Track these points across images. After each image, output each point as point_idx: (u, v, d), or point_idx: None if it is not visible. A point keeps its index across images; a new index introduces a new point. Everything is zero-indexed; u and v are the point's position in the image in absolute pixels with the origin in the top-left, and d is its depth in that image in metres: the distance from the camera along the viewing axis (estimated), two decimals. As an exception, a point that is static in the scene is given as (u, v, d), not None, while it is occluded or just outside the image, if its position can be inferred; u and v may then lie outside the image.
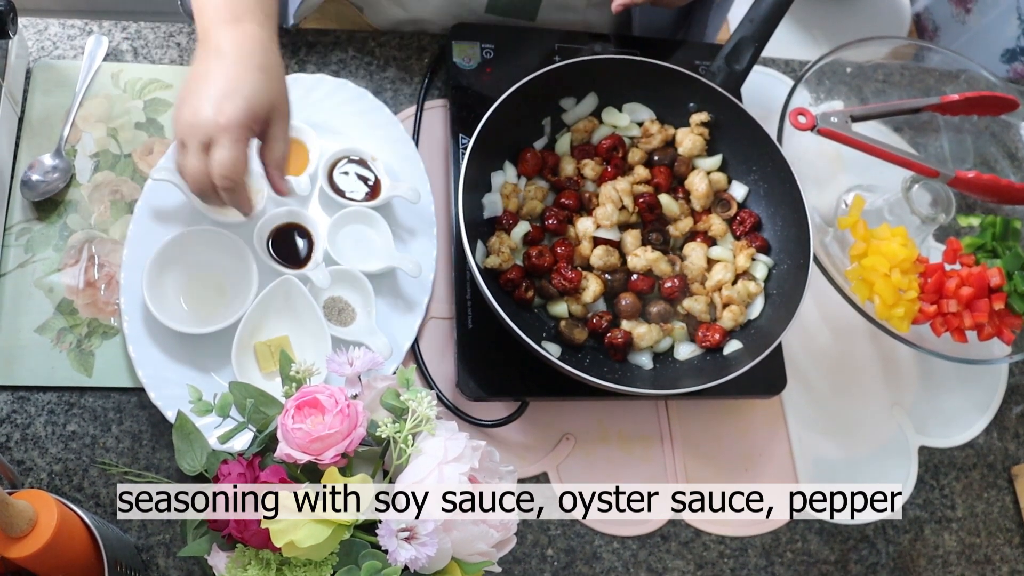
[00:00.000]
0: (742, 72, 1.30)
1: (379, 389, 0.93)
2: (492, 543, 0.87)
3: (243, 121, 0.94)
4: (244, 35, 0.99)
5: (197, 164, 0.95)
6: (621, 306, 1.19)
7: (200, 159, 0.95)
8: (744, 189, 1.28)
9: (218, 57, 0.97)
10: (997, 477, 1.34)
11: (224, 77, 0.96)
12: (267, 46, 1.00)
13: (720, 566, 1.20)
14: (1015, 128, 1.52)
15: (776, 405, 1.29)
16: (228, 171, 0.94)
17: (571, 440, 1.21)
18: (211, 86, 0.95)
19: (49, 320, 1.13)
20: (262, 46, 0.99)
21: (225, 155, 0.94)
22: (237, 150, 0.94)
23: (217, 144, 0.94)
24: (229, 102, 0.94)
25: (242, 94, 0.95)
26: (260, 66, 0.97)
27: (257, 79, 0.96)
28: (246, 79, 0.96)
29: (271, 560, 0.85)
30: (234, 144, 0.94)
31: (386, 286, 1.19)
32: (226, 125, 0.93)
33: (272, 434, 0.91)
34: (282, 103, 1.00)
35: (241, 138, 0.95)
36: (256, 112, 0.96)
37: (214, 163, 0.94)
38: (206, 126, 0.94)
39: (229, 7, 1.00)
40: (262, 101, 0.96)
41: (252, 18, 1.00)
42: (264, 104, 0.96)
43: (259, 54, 0.98)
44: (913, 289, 1.28)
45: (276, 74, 0.99)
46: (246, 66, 0.97)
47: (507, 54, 1.32)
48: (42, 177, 1.18)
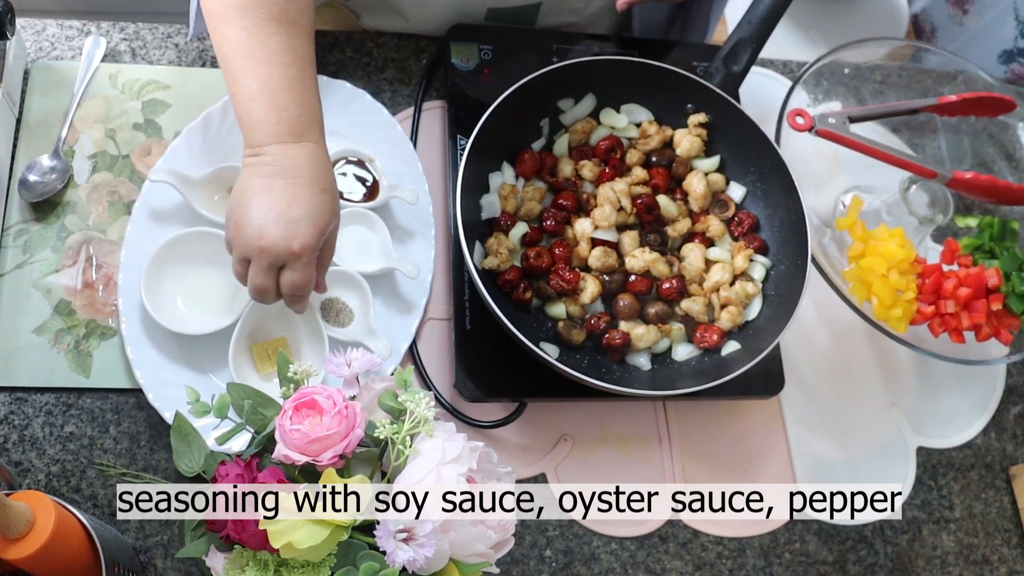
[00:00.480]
0: (740, 73, 1.30)
1: (377, 390, 0.93)
2: (490, 544, 0.87)
3: (316, 246, 0.97)
4: (307, 154, 0.99)
5: (266, 282, 0.98)
6: (619, 307, 1.19)
7: (269, 277, 0.98)
8: (742, 190, 1.28)
9: (286, 176, 0.97)
10: (995, 477, 1.34)
11: (292, 200, 0.97)
12: (327, 164, 1.01)
13: (718, 567, 1.20)
14: (1012, 129, 1.53)
15: (774, 406, 1.29)
16: (300, 291, 0.99)
17: (569, 441, 1.21)
18: (279, 207, 0.96)
19: (47, 321, 1.13)
20: (324, 165, 1.00)
21: (298, 277, 0.98)
22: (309, 272, 0.98)
23: (289, 268, 0.97)
24: (301, 228, 0.96)
25: (313, 220, 0.96)
26: (325, 188, 0.99)
27: (324, 202, 0.98)
28: (315, 203, 0.97)
29: (269, 561, 0.85)
30: (306, 267, 0.97)
31: (384, 287, 1.19)
32: (300, 252, 0.96)
33: (270, 435, 0.91)
34: (336, 213, 1.01)
35: (311, 260, 0.98)
36: (324, 231, 0.98)
37: (286, 283, 0.98)
38: (278, 252, 0.96)
39: (289, 124, 0.99)
40: (328, 221, 0.98)
41: (311, 136, 1.00)
42: (326, 223, 0.98)
43: (323, 175, 0.99)
44: (911, 290, 1.28)
45: (335, 192, 1.01)
46: (312, 189, 0.97)
47: (505, 55, 1.32)
48: (40, 178, 1.18)
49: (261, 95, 1.00)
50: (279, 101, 0.99)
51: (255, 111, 1.00)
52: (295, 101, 1.00)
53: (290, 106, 1.00)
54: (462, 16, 1.36)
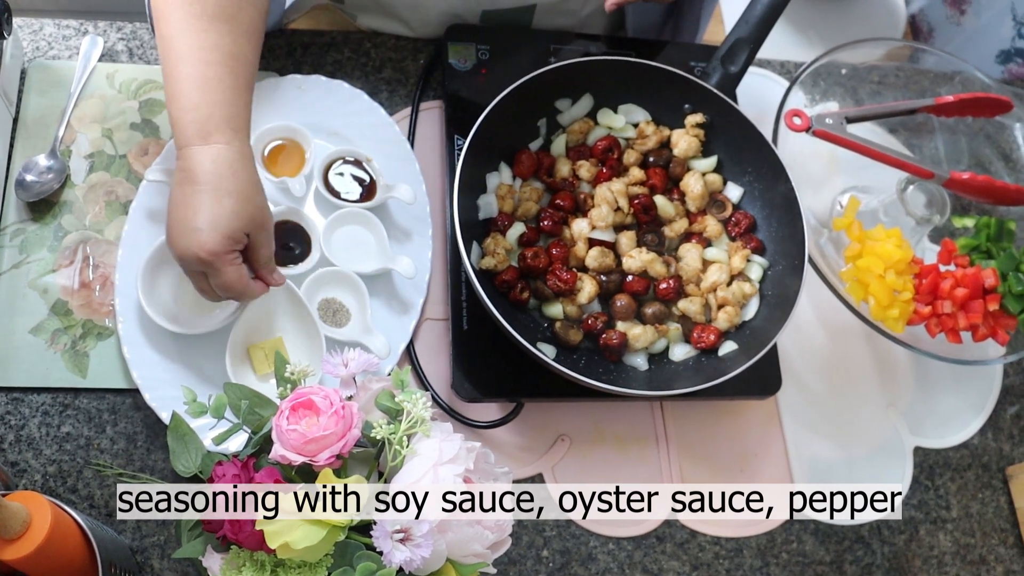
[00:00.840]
0: (737, 73, 1.30)
1: (374, 390, 0.93)
2: (487, 544, 0.87)
3: (222, 249, 0.97)
4: (212, 158, 0.98)
5: (203, 285, 1.02)
6: (616, 307, 1.19)
7: (200, 281, 1.02)
8: (739, 190, 1.28)
9: (191, 183, 0.98)
10: (992, 478, 1.34)
11: (193, 208, 0.97)
12: (236, 167, 1.00)
13: (715, 567, 1.20)
14: (1009, 129, 1.53)
15: (771, 406, 1.29)
16: (229, 292, 1.01)
17: (566, 441, 1.21)
18: (189, 217, 0.97)
19: (44, 321, 1.12)
20: (231, 168, 0.99)
21: (219, 281, 0.99)
22: (227, 273, 0.99)
23: (209, 273, 0.99)
24: (201, 236, 0.96)
25: (215, 227, 0.96)
26: (230, 191, 0.98)
27: (229, 207, 0.97)
28: (213, 208, 0.97)
29: (266, 562, 0.85)
30: (223, 269, 0.98)
31: (381, 287, 1.19)
32: (208, 258, 0.96)
33: (267, 435, 0.91)
34: (259, 217, 1.01)
35: (227, 262, 0.98)
36: (233, 236, 0.98)
37: (215, 286, 1.00)
38: (192, 260, 0.97)
39: (198, 125, 0.99)
40: (236, 226, 0.98)
41: (221, 136, 0.99)
42: (239, 228, 0.98)
43: (228, 178, 0.98)
44: (908, 290, 1.28)
45: (248, 194, 1.00)
46: (212, 194, 0.97)
47: (502, 56, 1.32)
48: (37, 178, 1.18)
49: (176, 95, 1.00)
50: (191, 101, 1.00)
51: (172, 112, 1.01)
52: (207, 101, 1.00)
53: (201, 106, 0.99)
54: (456, 19, 1.36)
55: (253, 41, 1.07)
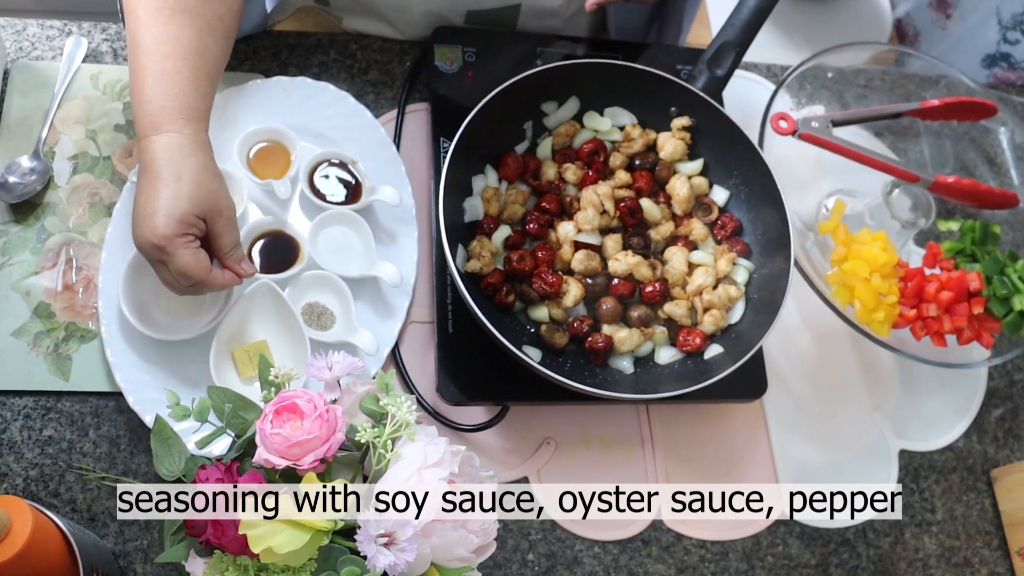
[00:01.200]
0: (723, 77, 1.30)
1: (358, 394, 0.92)
2: (472, 548, 0.87)
3: (170, 233, 0.96)
4: (161, 147, 0.99)
5: (165, 276, 1.01)
6: (602, 310, 1.19)
7: (164, 271, 1.00)
8: (725, 193, 1.28)
9: (145, 173, 0.99)
10: (976, 480, 1.35)
11: (146, 196, 0.97)
12: (186, 151, 1.00)
13: (701, 570, 1.20)
14: (994, 133, 1.53)
15: (757, 409, 1.29)
16: (187, 277, 0.99)
17: (552, 444, 1.21)
18: (142, 205, 0.97)
19: (26, 324, 1.12)
20: (181, 153, 0.99)
21: (176, 266, 0.98)
22: (181, 257, 0.98)
23: (166, 260, 0.98)
24: (153, 220, 0.96)
25: (162, 210, 0.96)
26: (179, 176, 0.98)
27: (174, 190, 0.97)
28: (163, 193, 0.97)
29: (249, 566, 0.84)
30: (176, 253, 0.97)
31: (367, 290, 1.19)
32: (158, 243, 0.96)
33: (250, 439, 0.90)
34: (212, 201, 1.00)
35: (178, 246, 0.97)
36: (184, 219, 0.97)
37: (173, 274, 1.00)
38: (147, 249, 0.98)
39: (152, 117, 1.00)
40: (186, 208, 0.97)
41: (172, 125, 1.00)
42: (189, 211, 0.98)
43: (179, 164, 0.99)
44: (893, 293, 1.29)
45: (199, 179, 0.99)
46: (163, 180, 0.97)
47: (488, 58, 1.32)
48: (19, 179, 1.17)
49: (136, 88, 1.01)
50: (148, 94, 1.00)
51: (133, 104, 1.02)
52: (161, 92, 1.00)
53: (154, 98, 1.00)
54: (441, 19, 1.35)
55: (217, 35, 1.07)
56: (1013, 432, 1.39)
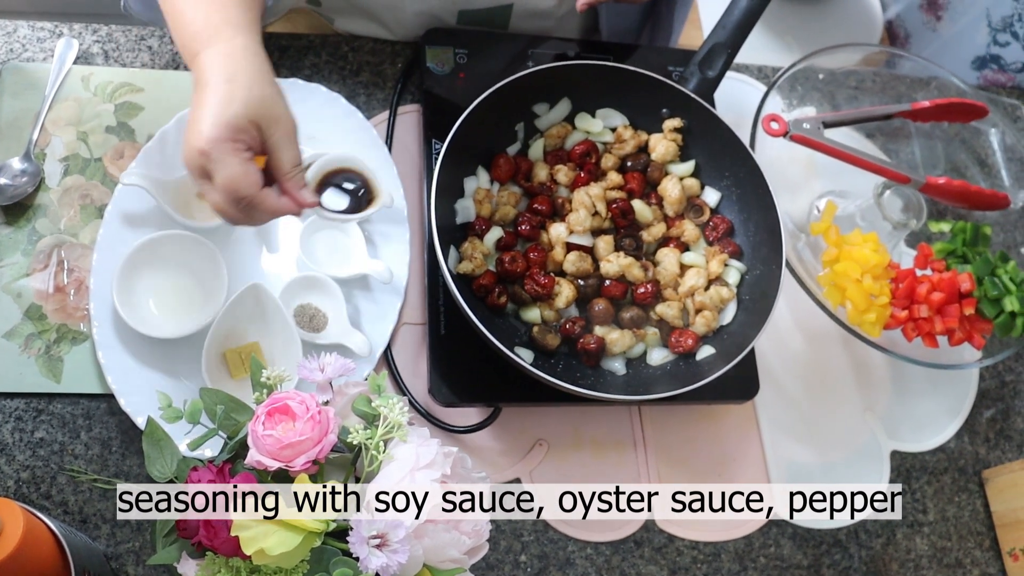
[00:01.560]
0: (715, 78, 1.30)
1: (351, 395, 0.92)
2: (464, 550, 0.87)
3: (220, 136, 0.89)
4: (211, 59, 0.94)
5: (213, 198, 0.92)
6: (594, 312, 1.19)
7: (212, 192, 0.92)
8: (717, 195, 1.29)
9: (198, 89, 0.93)
10: (968, 481, 1.35)
11: (201, 105, 0.91)
12: (237, 56, 0.95)
13: (693, 571, 1.20)
14: (985, 135, 1.54)
15: (749, 410, 1.29)
16: (233, 191, 0.90)
17: (544, 446, 1.21)
18: (193, 119, 0.91)
19: (17, 326, 1.11)
20: (231, 58, 0.94)
21: (220, 178, 0.90)
22: (227, 167, 0.90)
23: (210, 172, 0.90)
24: (201, 125, 0.90)
25: (212, 111, 0.90)
26: (230, 77, 0.92)
27: (225, 91, 0.91)
28: (211, 98, 0.91)
29: (241, 568, 0.84)
30: (222, 162, 0.90)
31: (358, 291, 1.19)
32: (205, 147, 0.89)
33: (242, 441, 0.90)
34: (269, 106, 0.93)
35: (227, 152, 0.90)
36: (231, 122, 0.90)
37: (219, 191, 0.91)
38: (193, 157, 0.90)
39: (198, 36, 0.95)
40: (235, 110, 0.90)
41: (219, 36, 0.95)
42: (241, 113, 0.91)
43: (227, 67, 0.93)
44: (885, 294, 1.29)
45: (248, 80, 0.93)
46: (213, 85, 0.92)
47: (480, 59, 1.32)
48: (10, 181, 1.17)
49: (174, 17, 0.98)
50: (187, 16, 0.96)
51: (178, 38, 0.98)
52: (204, 10, 0.96)
53: (197, 17, 0.96)
54: (433, 19, 1.35)
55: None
56: (1004, 433, 1.39)
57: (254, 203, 0.92)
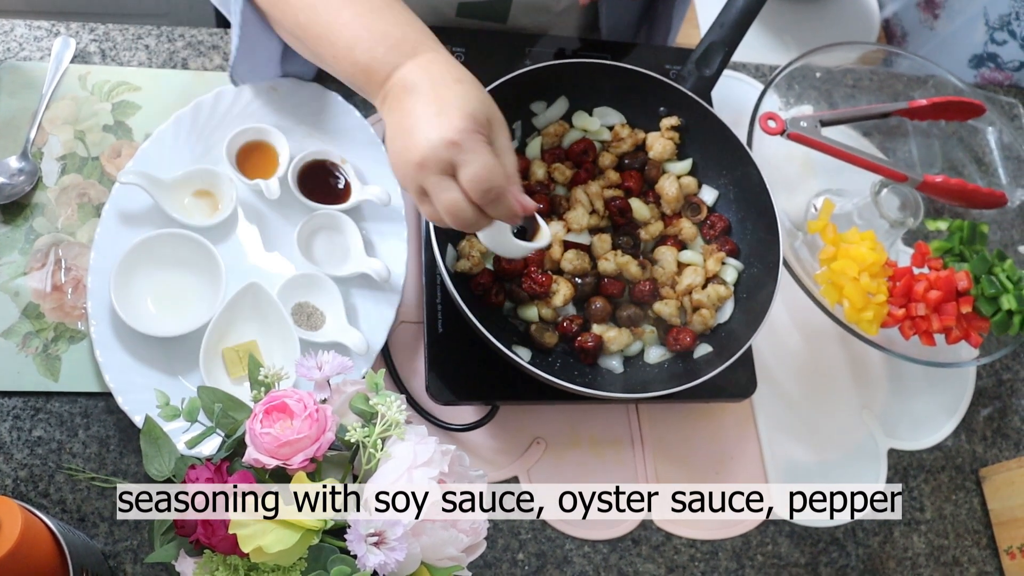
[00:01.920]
0: (712, 76, 1.30)
1: (348, 393, 0.92)
2: (462, 548, 0.87)
3: (469, 126, 0.88)
4: (426, 64, 0.93)
5: (450, 195, 0.90)
6: (591, 310, 1.19)
7: (450, 189, 0.90)
8: (714, 193, 1.29)
9: (411, 93, 0.92)
10: (965, 479, 1.35)
11: (426, 102, 0.90)
12: (451, 63, 0.94)
13: (691, 569, 1.20)
14: (982, 133, 1.54)
15: (746, 408, 1.30)
16: (487, 180, 0.88)
17: (542, 444, 1.21)
18: (418, 119, 0.90)
19: (15, 324, 1.11)
20: (447, 66, 0.94)
21: (474, 167, 0.88)
22: (483, 158, 0.88)
23: (459, 163, 0.88)
24: (445, 117, 0.88)
25: (454, 105, 0.89)
26: (456, 79, 0.92)
27: (459, 90, 0.91)
28: (449, 94, 0.90)
29: (239, 566, 0.84)
30: (477, 151, 0.88)
31: (356, 290, 1.19)
32: (455, 137, 0.87)
33: (240, 439, 0.90)
34: (494, 110, 0.94)
35: (479, 142, 0.89)
36: (475, 116, 0.90)
37: (467, 182, 0.89)
38: (437, 151, 0.88)
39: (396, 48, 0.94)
40: (476, 106, 0.90)
41: (426, 47, 0.95)
42: (478, 108, 0.90)
43: (452, 70, 0.93)
44: (882, 293, 1.29)
45: (474, 83, 0.93)
46: (444, 84, 0.91)
47: (478, 57, 1.32)
48: (8, 180, 1.17)
49: (352, 40, 0.96)
50: (375, 34, 0.95)
51: (359, 58, 0.96)
52: (393, 24, 0.96)
53: (390, 32, 0.95)
54: (432, 13, 1.35)
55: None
56: (1001, 431, 1.40)
57: (502, 196, 0.90)
